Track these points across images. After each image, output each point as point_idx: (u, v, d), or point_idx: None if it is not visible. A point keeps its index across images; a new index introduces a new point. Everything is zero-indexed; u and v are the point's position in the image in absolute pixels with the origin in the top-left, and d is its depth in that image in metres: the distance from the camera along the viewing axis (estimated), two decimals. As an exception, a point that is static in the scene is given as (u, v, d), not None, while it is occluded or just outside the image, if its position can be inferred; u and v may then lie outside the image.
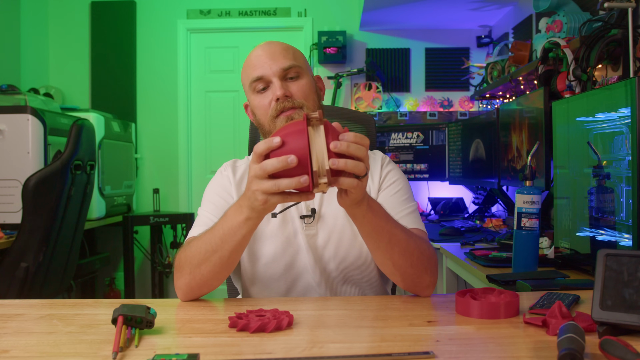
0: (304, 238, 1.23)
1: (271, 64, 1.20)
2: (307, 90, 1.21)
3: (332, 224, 1.23)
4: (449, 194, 3.57)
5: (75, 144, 2.36)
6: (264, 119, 1.21)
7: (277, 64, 1.20)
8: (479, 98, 3.38)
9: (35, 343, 0.83)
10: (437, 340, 0.82)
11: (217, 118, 4.16)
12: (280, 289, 1.23)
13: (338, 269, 1.23)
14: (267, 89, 1.21)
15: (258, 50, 1.24)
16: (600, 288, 0.83)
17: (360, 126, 1.64)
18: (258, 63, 1.21)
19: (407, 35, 4.08)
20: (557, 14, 2.27)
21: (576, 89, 1.90)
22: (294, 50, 1.25)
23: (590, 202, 1.48)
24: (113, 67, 4.09)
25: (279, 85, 1.18)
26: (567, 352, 0.69)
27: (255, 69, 1.21)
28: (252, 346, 0.81)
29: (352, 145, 0.87)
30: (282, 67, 1.20)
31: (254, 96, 1.23)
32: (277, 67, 1.19)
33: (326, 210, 1.25)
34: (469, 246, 2.09)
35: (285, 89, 1.18)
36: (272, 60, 1.20)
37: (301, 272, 1.23)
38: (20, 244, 2.26)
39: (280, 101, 1.17)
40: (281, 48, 1.23)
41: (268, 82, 1.20)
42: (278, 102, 1.18)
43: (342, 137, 0.88)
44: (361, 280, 1.26)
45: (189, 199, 4.14)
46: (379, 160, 1.32)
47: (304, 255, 1.22)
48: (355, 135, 0.89)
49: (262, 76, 1.20)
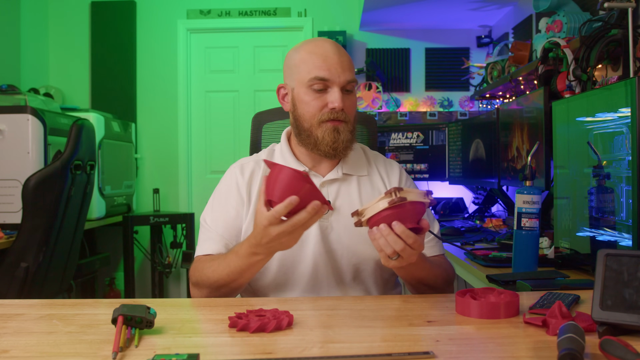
0: (316, 230, 1.24)
1: (341, 72, 1.22)
2: (354, 107, 1.28)
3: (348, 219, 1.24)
4: (449, 194, 3.57)
5: (75, 144, 2.36)
6: (309, 118, 1.24)
7: (345, 75, 1.22)
8: (479, 98, 3.38)
9: (35, 343, 0.83)
10: (437, 340, 0.82)
11: (217, 118, 4.16)
12: (289, 279, 1.25)
13: (349, 263, 1.25)
14: (323, 92, 1.22)
15: (329, 50, 1.24)
16: (600, 288, 0.83)
17: (362, 126, 1.63)
18: (328, 64, 1.22)
19: (407, 35, 4.08)
20: (557, 14, 2.27)
21: (576, 89, 1.90)
22: (353, 63, 1.28)
23: (590, 202, 1.48)
24: (113, 67, 4.09)
25: (340, 97, 1.21)
26: (567, 352, 0.69)
27: (322, 69, 1.21)
28: (252, 346, 0.81)
29: (410, 242, 0.99)
30: (348, 79, 1.23)
31: (307, 91, 1.23)
32: (344, 78, 1.22)
33: (342, 204, 1.28)
34: (469, 246, 2.09)
35: (344, 102, 1.22)
36: (342, 69, 1.22)
37: (311, 264, 1.24)
38: (20, 244, 2.25)
39: (336, 111, 1.22)
40: (349, 59, 1.26)
41: (328, 86, 1.22)
42: (332, 111, 1.22)
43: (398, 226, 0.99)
44: (371, 277, 1.27)
45: (189, 199, 4.14)
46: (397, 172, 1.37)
47: (316, 247, 1.24)
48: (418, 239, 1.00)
49: (329, 79, 1.21)
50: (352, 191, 1.30)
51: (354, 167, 1.33)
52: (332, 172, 1.30)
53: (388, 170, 1.37)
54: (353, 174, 1.31)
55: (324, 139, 1.22)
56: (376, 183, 1.34)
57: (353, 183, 1.31)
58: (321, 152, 1.25)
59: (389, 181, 1.35)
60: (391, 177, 1.36)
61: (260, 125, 1.62)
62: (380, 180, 1.34)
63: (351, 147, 1.28)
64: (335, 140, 1.22)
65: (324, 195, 1.25)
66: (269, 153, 1.36)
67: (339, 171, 1.30)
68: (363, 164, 1.35)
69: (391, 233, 0.98)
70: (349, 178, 1.31)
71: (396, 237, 0.98)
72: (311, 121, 1.23)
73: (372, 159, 1.38)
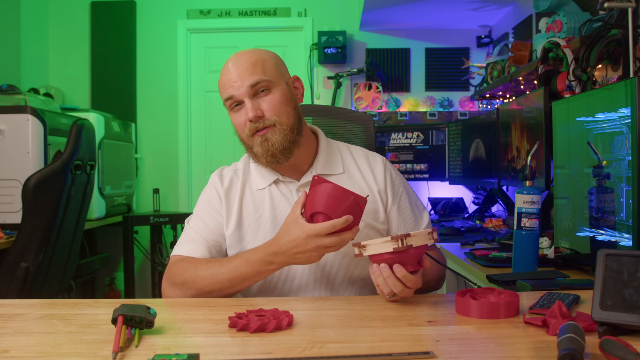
0: None
1: (240, 82, 1.20)
2: (278, 105, 1.22)
3: None
4: (449, 194, 3.57)
5: (75, 144, 2.36)
6: (242, 136, 1.25)
7: (245, 82, 1.19)
8: (479, 98, 3.38)
9: (35, 343, 0.83)
10: (437, 340, 0.82)
11: (217, 118, 4.16)
12: (277, 282, 1.24)
13: (340, 266, 1.24)
14: (241, 106, 1.22)
15: (228, 64, 1.24)
16: (600, 288, 0.83)
17: (359, 126, 1.63)
18: (228, 82, 1.21)
19: (407, 35, 4.08)
20: (557, 14, 2.27)
21: (576, 89, 1.90)
22: (263, 60, 1.23)
23: (590, 202, 1.48)
24: (113, 67, 4.09)
25: (250, 106, 1.19)
26: (567, 352, 0.69)
27: (225, 89, 1.22)
28: (252, 346, 0.81)
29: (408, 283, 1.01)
30: (249, 84, 1.19)
31: (230, 113, 1.25)
32: (245, 86, 1.19)
33: None
34: (469, 246, 2.09)
35: (257, 108, 1.20)
36: (240, 79, 1.20)
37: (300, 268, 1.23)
38: (20, 244, 2.25)
39: (253, 122, 1.20)
40: (248, 63, 1.21)
41: (240, 101, 1.21)
42: (251, 124, 1.20)
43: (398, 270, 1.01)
44: (362, 281, 1.26)
45: (189, 199, 4.14)
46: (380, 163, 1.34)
47: None
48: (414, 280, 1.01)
49: (233, 96, 1.21)
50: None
51: (327, 166, 1.30)
52: (306, 175, 1.28)
53: (371, 165, 1.34)
54: (328, 173, 1.29)
55: (258, 151, 1.22)
56: (356, 179, 1.31)
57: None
58: (264, 164, 1.25)
59: (372, 176, 1.31)
60: (375, 172, 1.32)
61: None
62: (360, 175, 1.31)
63: (297, 143, 1.23)
64: (268, 149, 1.20)
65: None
66: (245, 161, 1.35)
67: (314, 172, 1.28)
68: (337, 162, 1.32)
69: (392, 276, 1.00)
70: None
71: (396, 280, 1.00)
72: (244, 139, 1.24)
73: (348, 155, 1.35)
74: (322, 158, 1.30)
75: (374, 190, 1.30)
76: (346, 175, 1.31)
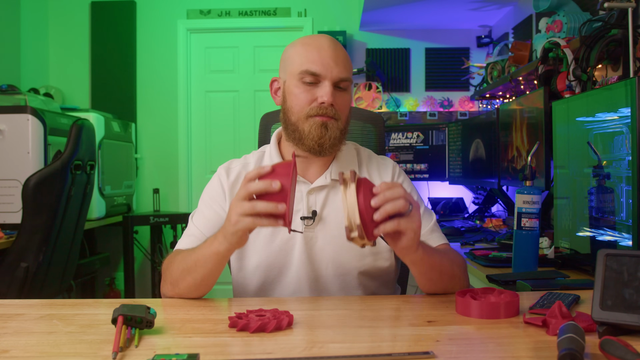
0: (301, 240, 1.21)
1: (333, 67, 1.18)
2: (347, 106, 1.23)
3: (334, 229, 1.22)
4: (449, 194, 3.57)
5: (75, 144, 2.36)
6: (297, 111, 1.19)
7: (338, 71, 1.18)
8: (479, 98, 3.38)
9: (35, 343, 0.83)
10: (437, 340, 0.82)
11: (217, 118, 4.16)
12: (270, 289, 1.23)
13: (335, 274, 1.22)
14: (314, 85, 1.18)
15: (324, 44, 1.20)
16: (600, 288, 0.83)
17: (370, 125, 1.63)
18: (321, 58, 1.18)
19: (407, 35, 4.08)
20: (557, 14, 2.27)
21: (576, 89, 1.90)
22: (350, 62, 1.24)
23: (590, 202, 1.48)
24: (113, 67, 4.09)
25: (331, 92, 1.17)
26: (567, 352, 0.69)
27: (314, 63, 1.17)
28: (252, 346, 0.81)
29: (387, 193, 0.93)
30: (341, 76, 1.18)
31: (297, 83, 1.20)
32: (337, 73, 1.18)
33: (328, 213, 1.24)
34: (469, 246, 2.09)
35: (334, 97, 1.18)
36: (335, 64, 1.18)
37: (292, 274, 1.21)
38: (20, 244, 2.25)
39: (324, 106, 1.17)
40: (345, 57, 1.22)
41: (319, 81, 1.18)
42: (321, 106, 1.17)
43: (375, 190, 0.94)
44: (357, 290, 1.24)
45: (189, 199, 4.14)
46: (390, 168, 1.32)
47: (298, 257, 1.21)
48: (386, 184, 0.94)
49: (320, 74, 1.17)
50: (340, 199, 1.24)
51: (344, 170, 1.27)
52: (320, 179, 1.25)
53: (381, 170, 1.32)
54: None
55: (310, 133, 1.17)
56: None
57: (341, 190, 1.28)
58: (306, 147, 1.19)
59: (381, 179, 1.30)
60: (384, 178, 1.30)
61: (268, 125, 1.61)
62: None
63: (339, 147, 1.23)
64: (321, 136, 1.17)
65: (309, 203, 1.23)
66: (259, 155, 1.33)
67: (327, 177, 1.25)
68: (354, 166, 1.29)
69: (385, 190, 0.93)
70: (337, 184, 1.25)
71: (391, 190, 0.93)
72: (299, 114, 1.19)
73: (364, 161, 1.32)
74: (339, 162, 1.27)
75: None
76: None
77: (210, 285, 1.11)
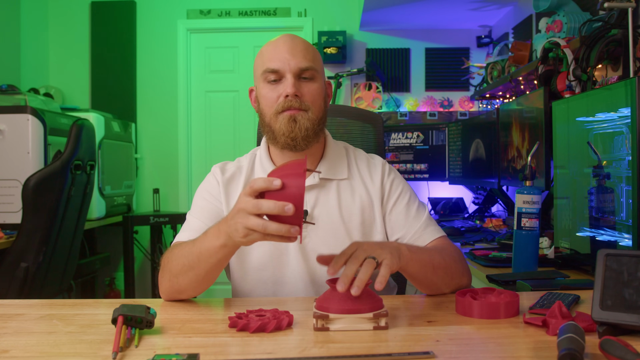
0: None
1: (290, 59, 1.17)
2: (316, 95, 1.20)
3: (327, 228, 1.22)
4: (449, 194, 3.57)
5: (75, 144, 2.36)
6: (267, 111, 1.20)
7: (296, 62, 1.17)
8: (479, 98, 3.38)
9: (35, 343, 0.83)
10: (437, 340, 0.82)
11: (217, 118, 4.16)
12: (268, 290, 1.22)
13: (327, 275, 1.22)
14: (278, 82, 1.19)
15: (280, 41, 1.21)
16: (600, 288, 0.83)
17: (369, 125, 1.62)
18: (277, 55, 1.18)
19: (407, 35, 4.08)
20: (557, 14, 2.27)
21: (576, 89, 1.90)
22: (314, 51, 1.23)
23: (590, 202, 1.48)
24: (113, 67, 4.09)
25: (292, 82, 1.16)
26: (567, 352, 0.69)
27: (272, 61, 1.18)
28: (252, 346, 0.81)
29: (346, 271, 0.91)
30: (300, 66, 1.17)
31: (263, 85, 1.20)
32: (295, 64, 1.17)
33: (320, 213, 1.23)
34: (469, 246, 2.09)
35: (297, 88, 1.17)
36: (291, 56, 1.17)
37: (289, 275, 1.21)
38: (20, 244, 2.25)
39: (289, 99, 1.16)
40: (303, 46, 1.20)
41: (281, 76, 1.18)
42: (286, 100, 1.17)
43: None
44: None
45: (189, 199, 4.14)
46: (380, 167, 1.30)
47: (293, 258, 1.21)
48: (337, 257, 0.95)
49: (278, 70, 1.18)
50: (331, 198, 1.24)
51: (333, 170, 1.26)
52: (309, 179, 1.23)
53: (371, 169, 1.29)
54: (332, 178, 1.25)
55: (280, 129, 1.17)
56: (356, 187, 1.26)
57: (332, 189, 1.25)
58: (280, 144, 1.19)
59: (371, 182, 1.27)
60: (374, 177, 1.28)
61: None
62: (361, 183, 1.27)
63: (316, 139, 1.21)
64: (292, 130, 1.16)
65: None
66: (250, 157, 1.33)
67: (316, 177, 1.24)
68: (343, 165, 1.27)
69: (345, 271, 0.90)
70: (327, 183, 1.25)
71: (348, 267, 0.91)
72: (269, 114, 1.19)
73: (353, 160, 1.31)
74: (328, 161, 1.27)
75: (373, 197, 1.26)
76: (348, 181, 1.27)
77: (211, 281, 1.08)
